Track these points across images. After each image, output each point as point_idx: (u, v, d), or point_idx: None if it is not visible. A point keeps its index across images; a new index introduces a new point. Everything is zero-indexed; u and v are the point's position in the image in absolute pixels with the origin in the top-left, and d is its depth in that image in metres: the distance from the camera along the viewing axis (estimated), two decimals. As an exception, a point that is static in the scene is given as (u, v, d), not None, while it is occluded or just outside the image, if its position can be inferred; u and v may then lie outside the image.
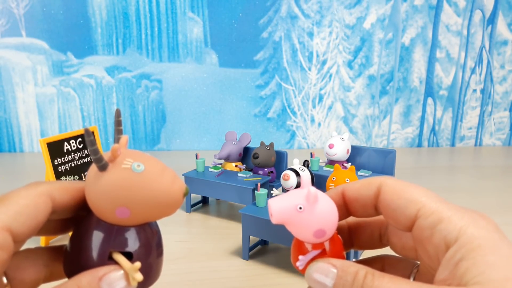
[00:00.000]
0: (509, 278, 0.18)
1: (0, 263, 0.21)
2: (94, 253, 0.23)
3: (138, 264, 0.23)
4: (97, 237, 0.23)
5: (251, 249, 0.54)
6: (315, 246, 0.24)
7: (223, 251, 0.55)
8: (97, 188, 0.23)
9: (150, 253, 0.24)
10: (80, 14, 1.05)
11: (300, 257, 0.24)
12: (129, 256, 0.23)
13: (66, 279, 0.24)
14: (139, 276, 0.22)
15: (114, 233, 0.23)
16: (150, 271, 0.25)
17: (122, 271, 0.23)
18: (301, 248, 0.24)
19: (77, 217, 0.26)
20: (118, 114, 0.25)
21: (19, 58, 1.06)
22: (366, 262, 0.27)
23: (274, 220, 0.23)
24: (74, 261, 0.24)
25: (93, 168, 0.23)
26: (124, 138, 0.25)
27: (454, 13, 1.15)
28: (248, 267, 0.52)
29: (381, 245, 0.27)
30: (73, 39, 1.06)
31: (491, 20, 1.16)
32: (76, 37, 1.06)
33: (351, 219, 0.27)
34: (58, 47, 1.07)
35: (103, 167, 0.23)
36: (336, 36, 1.13)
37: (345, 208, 0.26)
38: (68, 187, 0.25)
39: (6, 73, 1.07)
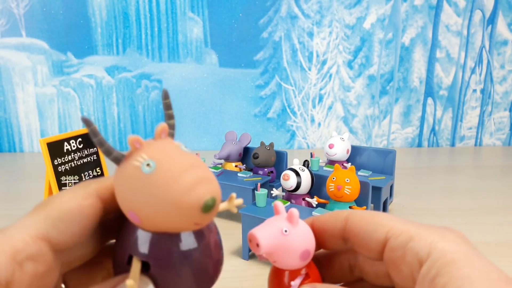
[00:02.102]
0: None
1: (37, 277, 0.19)
2: (119, 253, 0.21)
3: (130, 282, 0.19)
4: (122, 236, 0.21)
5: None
6: (296, 272, 0.24)
7: (223, 251, 0.55)
8: (114, 184, 0.20)
9: (171, 269, 0.20)
10: (80, 14, 1.05)
11: (292, 283, 0.24)
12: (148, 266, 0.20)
13: None
14: None
15: (134, 236, 0.20)
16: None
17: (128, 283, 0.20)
18: (285, 276, 0.24)
19: None
20: (166, 95, 0.21)
21: (19, 58, 1.06)
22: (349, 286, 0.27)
23: (263, 249, 0.22)
24: (113, 259, 0.22)
25: None
26: (160, 126, 0.20)
27: (454, 13, 1.14)
28: (248, 267, 0.52)
29: (352, 277, 0.27)
30: (73, 39, 1.06)
31: (491, 20, 1.16)
32: (76, 37, 1.06)
33: (319, 252, 0.27)
34: (58, 47, 1.07)
35: (115, 160, 0.20)
36: (336, 36, 1.13)
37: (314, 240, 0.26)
38: None
39: (6, 73, 1.07)
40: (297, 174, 0.57)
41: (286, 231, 0.23)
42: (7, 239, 0.18)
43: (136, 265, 0.20)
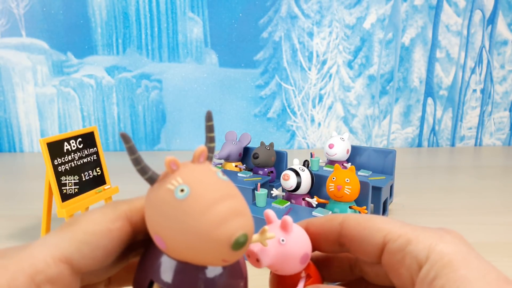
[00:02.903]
0: None
1: None
2: (140, 277, 0.20)
3: None
4: (144, 260, 0.20)
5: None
6: (297, 275, 0.24)
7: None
8: (145, 205, 0.19)
9: None
10: (80, 14, 1.05)
11: None
12: None
13: None
14: None
15: (156, 262, 0.19)
16: None
17: None
18: (286, 281, 0.24)
19: None
20: (209, 117, 0.20)
21: (19, 58, 1.06)
22: (350, 285, 0.27)
23: (264, 264, 0.22)
24: (134, 281, 0.21)
25: None
26: (198, 149, 0.19)
27: (454, 13, 1.14)
28: (248, 267, 0.52)
29: (353, 276, 0.27)
30: (73, 39, 1.06)
31: (491, 20, 1.16)
32: (76, 37, 1.06)
33: (317, 253, 0.27)
34: (58, 47, 1.07)
35: (150, 179, 0.19)
36: (336, 36, 1.13)
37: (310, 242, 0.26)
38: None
39: (6, 73, 1.07)
40: (297, 174, 0.57)
41: (283, 240, 0.23)
42: (28, 257, 0.18)
43: None
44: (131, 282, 0.22)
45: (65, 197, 0.54)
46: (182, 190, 0.18)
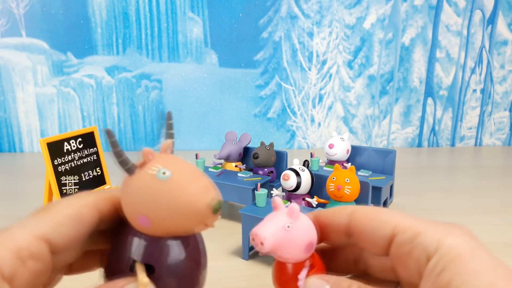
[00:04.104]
0: (493, 283, 0.18)
1: (36, 275, 0.20)
2: (119, 260, 0.23)
3: (145, 280, 0.21)
4: (123, 244, 0.23)
5: (251, 249, 0.54)
6: (301, 264, 0.24)
7: (223, 251, 0.55)
8: (123, 192, 0.22)
9: (177, 270, 0.22)
10: (80, 14, 1.05)
11: (300, 276, 0.24)
12: (152, 269, 0.22)
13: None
14: None
15: (138, 242, 0.22)
16: None
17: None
18: (289, 269, 0.24)
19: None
20: (169, 116, 0.23)
21: (19, 58, 1.06)
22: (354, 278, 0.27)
23: (267, 247, 0.23)
24: (108, 265, 0.24)
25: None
26: (166, 143, 0.23)
27: (454, 13, 1.14)
28: (248, 267, 0.52)
29: (357, 270, 0.27)
30: (73, 39, 1.06)
31: (491, 20, 1.16)
32: (76, 37, 1.06)
33: (323, 244, 0.27)
34: (58, 47, 1.07)
35: (129, 170, 0.22)
36: (336, 36, 1.13)
37: (317, 233, 0.26)
38: (112, 196, 0.24)
39: (6, 73, 1.07)
40: (297, 174, 0.57)
41: (288, 226, 0.23)
42: (11, 237, 0.19)
43: (140, 270, 0.22)
44: (88, 269, 0.25)
45: (65, 197, 0.54)
46: (164, 173, 0.21)
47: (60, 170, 0.55)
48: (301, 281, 0.24)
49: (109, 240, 0.25)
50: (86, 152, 0.59)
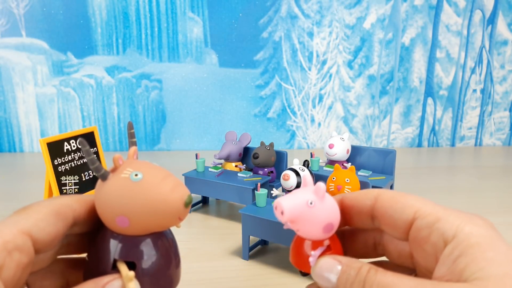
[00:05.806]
0: (508, 273, 0.18)
1: (21, 267, 0.21)
2: (100, 262, 0.24)
3: (131, 273, 0.23)
4: (103, 246, 0.24)
5: (251, 249, 0.54)
6: (318, 243, 0.24)
7: (223, 251, 0.55)
8: (99, 197, 0.24)
9: (156, 264, 0.24)
10: (80, 14, 1.05)
11: (312, 252, 0.24)
12: (134, 266, 0.24)
13: None
14: (132, 286, 0.23)
15: (118, 242, 0.24)
16: (157, 282, 0.24)
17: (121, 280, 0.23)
18: (306, 245, 0.25)
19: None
20: (130, 126, 0.26)
21: (19, 58, 1.06)
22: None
23: (286, 217, 0.23)
24: (87, 269, 0.25)
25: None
26: (132, 149, 0.26)
27: (454, 13, 1.15)
28: (248, 267, 0.52)
29: (376, 254, 0.27)
30: (73, 39, 1.06)
31: (491, 20, 1.16)
32: (76, 37, 1.06)
33: (345, 227, 0.28)
34: (58, 47, 1.07)
35: (103, 176, 0.23)
36: (336, 36, 1.13)
37: (341, 216, 0.26)
38: (87, 199, 0.25)
39: (6, 73, 1.07)
40: (297, 174, 0.57)
41: (311, 203, 0.23)
42: None
43: (123, 267, 0.23)
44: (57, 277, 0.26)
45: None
46: (136, 175, 0.23)
47: (60, 170, 0.55)
48: (313, 257, 0.24)
49: (80, 248, 0.27)
50: (86, 152, 0.59)
